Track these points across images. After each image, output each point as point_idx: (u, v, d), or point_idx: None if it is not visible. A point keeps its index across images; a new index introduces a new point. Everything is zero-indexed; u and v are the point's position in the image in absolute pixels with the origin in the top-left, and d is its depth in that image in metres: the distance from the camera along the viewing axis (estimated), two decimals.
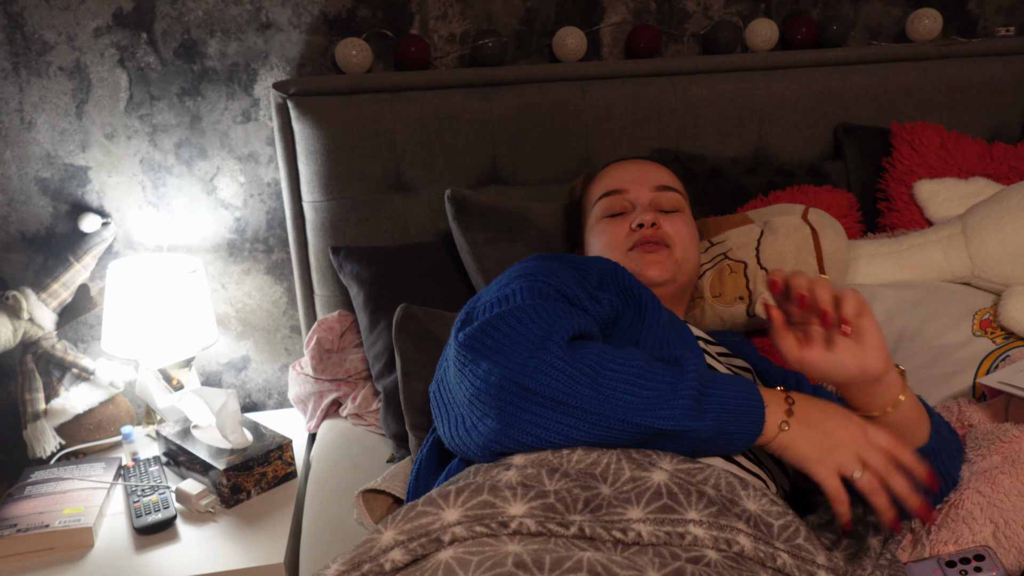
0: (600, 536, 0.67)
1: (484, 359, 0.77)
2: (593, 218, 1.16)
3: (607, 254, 1.11)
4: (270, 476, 1.33)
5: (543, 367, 0.74)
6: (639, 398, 0.73)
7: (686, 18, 1.66)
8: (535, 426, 0.74)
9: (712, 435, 0.74)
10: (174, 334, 1.45)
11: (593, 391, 0.73)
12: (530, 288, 0.87)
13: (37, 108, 1.50)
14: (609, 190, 1.15)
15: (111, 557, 1.18)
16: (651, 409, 0.73)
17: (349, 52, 1.50)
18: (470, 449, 0.79)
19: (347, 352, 1.48)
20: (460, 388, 0.80)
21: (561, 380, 0.73)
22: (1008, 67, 1.65)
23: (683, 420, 0.73)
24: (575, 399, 0.73)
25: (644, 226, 1.08)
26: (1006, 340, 1.13)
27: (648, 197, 1.13)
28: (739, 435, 0.75)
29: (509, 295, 0.86)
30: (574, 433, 0.74)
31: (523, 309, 0.80)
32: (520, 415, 0.74)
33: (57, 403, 1.48)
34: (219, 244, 1.63)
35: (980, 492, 0.82)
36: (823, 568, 0.69)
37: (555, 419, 0.74)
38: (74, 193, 1.56)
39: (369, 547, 0.68)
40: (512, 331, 0.78)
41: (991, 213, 1.23)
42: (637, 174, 1.16)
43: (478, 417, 0.77)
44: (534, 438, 0.75)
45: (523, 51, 1.63)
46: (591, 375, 0.74)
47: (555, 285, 0.88)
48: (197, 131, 1.56)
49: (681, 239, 1.10)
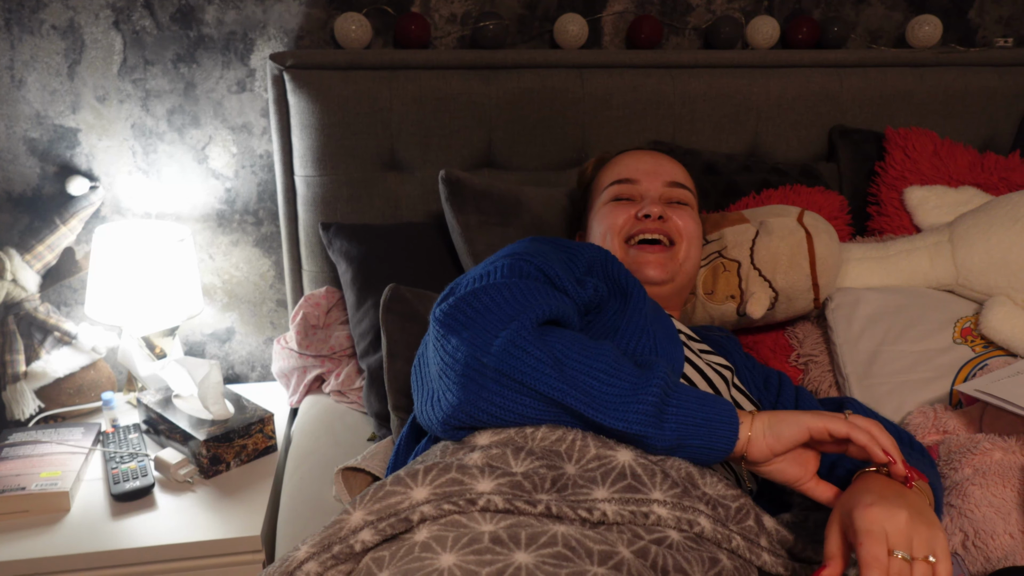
0: (566, 515, 0.68)
1: (454, 334, 0.77)
2: (600, 202, 1.15)
3: (607, 238, 1.10)
4: (250, 449, 1.34)
5: (508, 347, 0.73)
6: (598, 393, 0.73)
7: (688, 11, 1.66)
8: (494, 405, 0.74)
9: (672, 446, 0.73)
10: (159, 302, 1.44)
11: (554, 379, 0.73)
12: (511, 266, 0.86)
13: (28, 67, 1.48)
14: (621, 178, 1.14)
15: (87, 522, 1.18)
16: (607, 408, 0.72)
17: (349, 27, 1.48)
18: (434, 423, 0.79)
19: (332, 329, 1.48)
20: (433, 362, 0.80)
21: (524, 362, 0.73)
22: (1004, 78, 1.66)
23: (636, 425, 0.72)
24: (536, 383, 0.73)
25: (650, 217, 1.08)
26: (985, 349, 1.14)
27: (659, 191, 1.12)
28: (704, 449, 0.73)
29: (490, 271, 0.86)
30: (531, 413, 0.75)
31: (498, 287, 0.80)
32: (480, 392, 0.74)
33: (38, 366, 1.47)
34: (208, 214, 1.62)
35: (951, 504, 0.84)
36: (765, 550, 0.71)
37: (515, 399, 0.74)
38: (63, 155, 1.54)
39: (339, 528, 0.68)
40: (484, 308, 0.77)
41: (978, 223, 1.24)
42: (652, 166, 1.15)
43: (444, 390, 0.77)
44: (491, 416, 0.75)
45: (524, 35, 1.62)
46: (555, 362, 0.73)
47: (538, 265, 0.88)
48: (191, 98, 1.54)
49: (688, 235, 1.10)
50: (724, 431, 0.73)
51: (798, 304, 1.22)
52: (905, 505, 0.64)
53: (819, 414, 0.73)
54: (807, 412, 0.74)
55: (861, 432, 0.70)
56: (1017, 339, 1.12)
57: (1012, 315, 1.14)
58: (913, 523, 0.63)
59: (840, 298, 1.24)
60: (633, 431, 0.72)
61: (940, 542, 0.64)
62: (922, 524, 0.64)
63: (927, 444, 1.00)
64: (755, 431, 0.73)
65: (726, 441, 0.73)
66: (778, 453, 0.73)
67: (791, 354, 1.28)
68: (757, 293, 1.20)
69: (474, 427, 0.77)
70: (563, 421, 0.75)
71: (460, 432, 0.78)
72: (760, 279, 1.20)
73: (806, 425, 0.72)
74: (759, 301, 1.19)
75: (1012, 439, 0.90)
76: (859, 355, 1.17)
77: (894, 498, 0.65)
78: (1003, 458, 0.87)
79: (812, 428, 0.72)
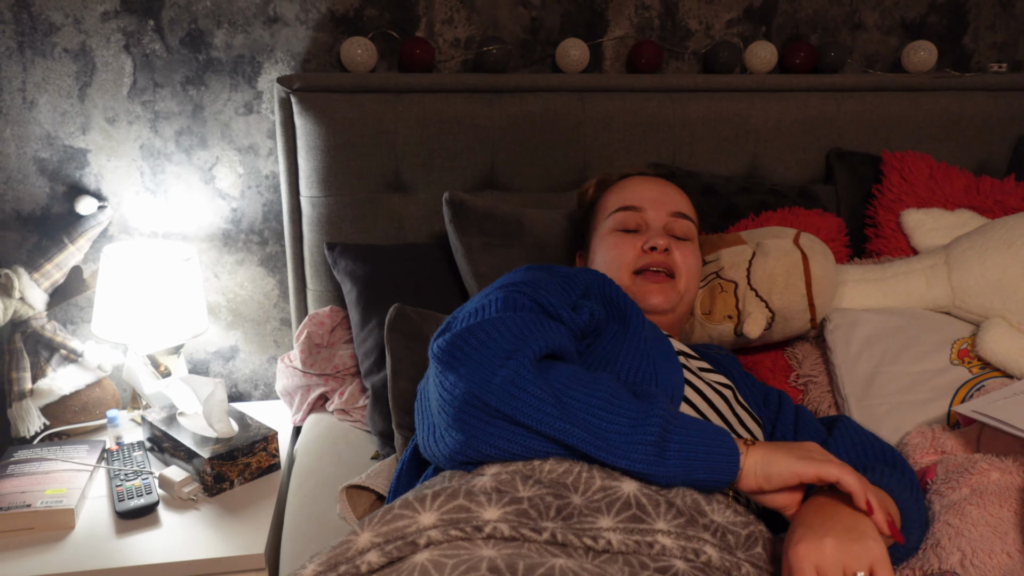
0: (572, 543, 0.69)
1: (451, 371, 0.77)
2: (605, 228, 1.16)
3: (612, 268, 1.11)
4: (254, 467, 1.34)
5: (508, 387, 0.74)
6: (600, 431, 0.73)
7: (688, 36, 1.69)
8: (499, 439, 0.75)
9: (676, 481, 0.74)
10: (165, 321, 1.46)
11: (556, 418, 0.74)
12: (505, 299, 0.87)
13: (40, 88, 1.50)
14: (627, 205, 1.14)
15: (92, 539, 1.18)
16: (610, 448, 0.73)
17: (354, 51, 1.51)
18: (439, 458, 0.80)
19: (336, 348, 1.49)
20: (434, 397, 0.81)
21: (526, 402, 0.74)
22: (999, 102, 1.69)
23: (639, 464, 0.73)
24: (539, 424, 0.74)
25: (656, 250, 1.09)
26: (982, 370, 1.16)
27: (663, 221, 1.13)
28: (708, 482, 0.74)
29: (485, 305, 0.87)
30: (537, 447, 0.75)
31: (493, 322, 0.80)
32: (484, 428, 0.75)
33: (43, 383, 1.48)
34: (214, 233, 1.64)
35: (949, 523, 0.85)
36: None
37: (518, 440, 0.75)
38: (72, 175, 1.56)
39: (346, 548, 0.69)
40: (480, 344, 0.78)
41: (974, 246, 1.26)
42: (658, 195, 1.15)
43: (445, 428, 0.78)
44: (498, 450, 0.76)
45: (526, 59, 1.65)
46: (556, 400, 0.74)
47: (531, 295, 0.88)
48: (199, 120, 1.57)
49: (688, 270, 1.11)
50: (725, 463, 0.74)
51: (794, 324, 1.24)
52: (831, 530, 0.66)
53: (811, 458, 0.73)
54: (801, 453, 0.74)
55: (853, 479, 0.70)
56: (1013, 360, 1.13)
57: (1008, 337, 1.15)
58: (841, 545, 0.65)
59: (839, 319, 1.26)
60: (637, 469, 0.73)
61: (873, 553, 0.65)
62: (852, 542, 0.65)
63: (925, 464, 1.01)
64: (747, 466, 0.74)
65: (727, 473, 0.74)
66: (766, 492, 0.75)
67: (791, 374, 1.29)
68: (754, 313, 1.21)
69: (482, 461, 0.78)
70: (570, 455, 0.76)
71: (468, 466, 0.79)
72: (757, 299, 1.22)
73: (796, 472, 0.72)
74: (756, 321, 1.21)
75: (1009, 459, 0.91)
76: (858, 376, 1.19)
77: (820, 525, 0.68)
78: (1000, 478, 0.88)
79: (802, 476, 0.72)
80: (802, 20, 1.72)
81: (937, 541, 0.84)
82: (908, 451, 1.04)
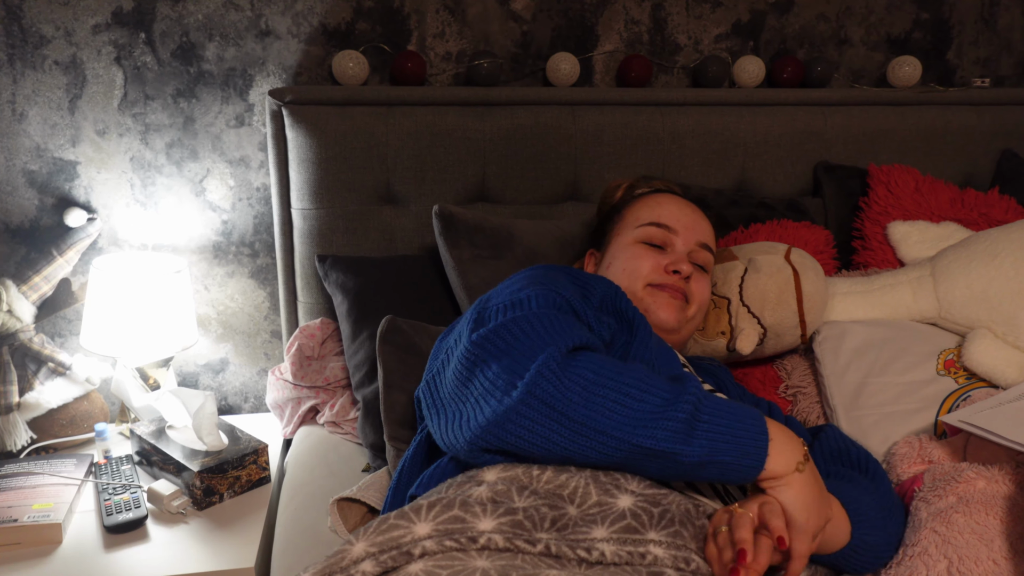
0: (565, 554, 0.69)
1: (495, 360, 0.80)
2: (631, 237, 1.16)
3: (628, 276, 1.12)
4: (244, 480, 1.34)
5: (541, 370, 0.77)
6: (628, 410, 0.75)
7: (677, 51, 1.71)
8: (524, 429, 0.77)
9: (700, 461, 0.74)
10: (154, 333, 1.45)
11: (582, 400, 0.76)
12: (544, 296, 0.90)
13: (30, 100, 1.50)
14: (661, 222, 1.15)
15: (79, 554, 1.17)
16: (635, 425, 0.74)
17: (346, 64, 1.52)
18: (459, 444, 0.82)
19: (327, 360, 1.49)
20: (462, 385, 0.83)
21: (555, 385, 0.76)
22: (983, 117, 1.71)
23: (664, 443, 0.74)
24: (564, 405, 0.76)
25: (679, 274, 1.11)
26: (968, 380, 1.17)
27: (690, 247, 1.15)
28: (734, 466, 0.75)
29: (524, 300, 0.89)
30: (557, 439, 0.77)
31: (537, 316, 0.84)
32: (514, 417, 0.77)
33: (31, 396, 1.47)
34: (204, 246, 1.64)
35: (936, 531, 0.86)
36: None
37: (544, 424, 0.76)
38: (61, 187, 1.56)
39: (340, 558, 0.69)
40: (524, 335, 0.81)
41: (959, 258, 1.28)
42: (691, 221, 1.16)
43: (474, 413, 0.80)
44: (519, 439, 0.77)
45: (517, 73, 1.66)
46: (584, 384, 0.76)
47: (567, 298, 0.92)
48: (189, 132, 1.57)
49: (700, 301, 1.14)
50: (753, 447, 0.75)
51: (786, 340, 1.25)
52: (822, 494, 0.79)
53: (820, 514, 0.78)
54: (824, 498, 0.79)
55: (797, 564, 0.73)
56: (998, 371, 1.15)
57: (993, 347, 1.16)
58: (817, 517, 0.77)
59: (827, 331, 1.27)
60: (662, 447, 0.74)
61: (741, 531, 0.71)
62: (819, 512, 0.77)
63: (912, 473, 1.02)
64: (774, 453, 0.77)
65: (755, 458, 0.75)
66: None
67: (780, 385, 1.30)
68: (746, 329, 1.22)
69: (501, 450, 0.80)
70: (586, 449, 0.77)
71: (485, 456, 0.81)
72: (749, 316, 1.23)
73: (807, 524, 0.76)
74: (748, 337, 1.22)
75: (995, 468, 0.92)
76: (846, 387, 1.20)
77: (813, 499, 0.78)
78: (986, 487, 0.89)
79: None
80: (789, 35, 1.75)
81: (924, 549, 0.85)
82: (896, 461, 1.05)
